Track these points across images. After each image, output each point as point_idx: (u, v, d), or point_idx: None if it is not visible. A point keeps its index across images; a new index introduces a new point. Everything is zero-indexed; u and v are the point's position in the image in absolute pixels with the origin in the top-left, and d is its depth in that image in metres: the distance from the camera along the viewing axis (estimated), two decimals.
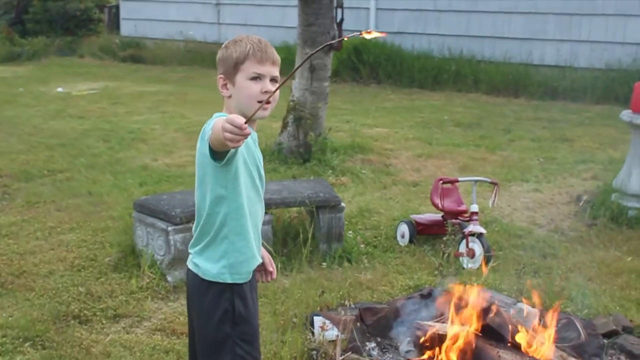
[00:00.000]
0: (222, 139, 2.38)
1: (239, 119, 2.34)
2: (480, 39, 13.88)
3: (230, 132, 2.33)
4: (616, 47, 12.78)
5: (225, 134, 2.34)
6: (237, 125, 2.32)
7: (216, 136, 2.51)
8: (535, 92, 12.90)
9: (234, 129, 2.33)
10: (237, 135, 2.34)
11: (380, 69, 14.16)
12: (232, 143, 2.35)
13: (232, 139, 2.34)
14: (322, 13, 7.81)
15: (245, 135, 2.35)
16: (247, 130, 2.33)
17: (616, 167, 7.97)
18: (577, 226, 6.37)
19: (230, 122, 2.33)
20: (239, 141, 2.36)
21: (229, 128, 2.33)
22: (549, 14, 13.37)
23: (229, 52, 2.90)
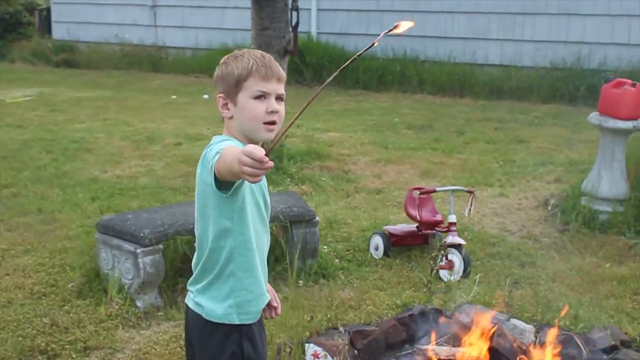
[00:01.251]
0: (239, 172, 2.10)
1: (258, 150, 2.06)
2: (424, 39, 13.78)
3: (250, 166, 2.05)
4: (560, 46, 12.82)
5: (244, 167, 2.06)
6: (258, 159, 2.05)
7: (228, 167, 2.24)
8: (481, 91, 12.87)
9: (255, 162, 2.05)
10: (258, 169, 2.07)
11: (323, 70, 13.94)
12: (252, 178, 2.08)
13: (252, 173, 2.06)
14: (276, 16, 7.55)
15: (267, 168, 2.09)
16: (269, 163, 2.07)
17: (577, 168, 7.96)
18: (549, 232, 6.25)
19: (249, 155, 2.05)
20: (260, 176, 2.09)
21: (248, 162, 2.05)
22: (491, 13, 13.35)
23: (230, 69, 2.63)
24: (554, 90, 12.46)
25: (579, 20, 12.73)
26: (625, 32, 12.40)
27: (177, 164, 8.24)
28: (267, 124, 2.59)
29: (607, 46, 12.49)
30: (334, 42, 14.24)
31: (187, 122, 10.47)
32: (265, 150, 2.08)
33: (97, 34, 16.82)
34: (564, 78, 12.49)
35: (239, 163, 2.08)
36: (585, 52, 12.57)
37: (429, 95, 12.95)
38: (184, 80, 14.50)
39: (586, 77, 12.30)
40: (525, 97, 12.51)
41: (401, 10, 13.97)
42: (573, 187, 7.03)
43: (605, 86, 6.32)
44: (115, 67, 15.75)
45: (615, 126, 6.17)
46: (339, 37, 14.37)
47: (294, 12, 7.70)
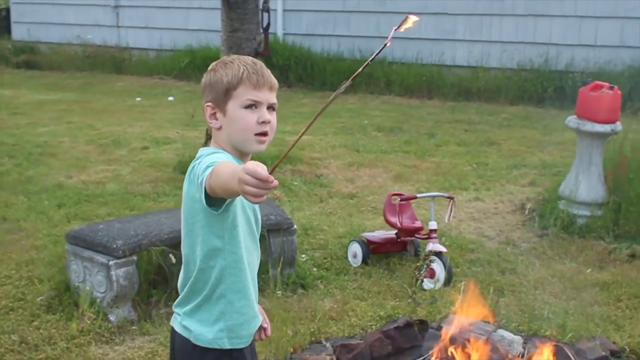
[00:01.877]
0: (238, 191, 1.96)
1: (261, 168, 1.92)
2: (392, 40, 13.64)
3: (254, 186, 1.91)
4: (527, 47, 12.80)
5: (247, 187, 1.91)
6: (263, 178, 1.90)
7: (224, 185, 2.08)
8: (449, 93, 12.80)
9: (259, 182, 1.91)
10: (262, 189, 1.92)
11: (290, 72, 13.78)
12: (255, 199, 1.93)
13: (257, 194, 1.92)
14: (247, 18, 7.39)
15: (272, 188, 1.94)
16: (274, 183, 1.93)
17: (550, 171, 7.91)
18: (528, 237, 6.17)
19: (252, 174, 1.90)
20: (263, 196, 1.95)
21: (252, 182, 1.90)
22: (459, 14, 13.29)
23: (218, 76, 2.47)
24: (522, 91, 12.44)
25: (546, 21, 12.72)
26: (592, 33, 12.41)
27: (144, 168, 8.04)
28: (259, 135, 2.45)
29: (574, 47, 12.49)
30: (300, 43, 14.09)
31: (153, 125, 10.26)
32: (268, 168, 1.95)
33: (58, 34, 16.48)
34: (531, 79, 12.46)
35: (239, 182, 1.93)
36: (552, 53, 12.57)
37: (396, 97, 12.86)
38: (148, 82, 14.25)
39: (554, 79, 12.30)
40: (493, 99, 12.48)
41: (367, 11, 13.88)
42: (549, 190, 6.96)
43: (583, 89, 6.25)
44: (78, 68, 15.44)
45: (593, 130, 6.10)
46: (305, 37, 14.22)
47: (265, 13, 7.56)
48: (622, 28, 12.25)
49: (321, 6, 14.17)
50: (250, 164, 1.93)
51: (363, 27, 13.92)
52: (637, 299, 5.01)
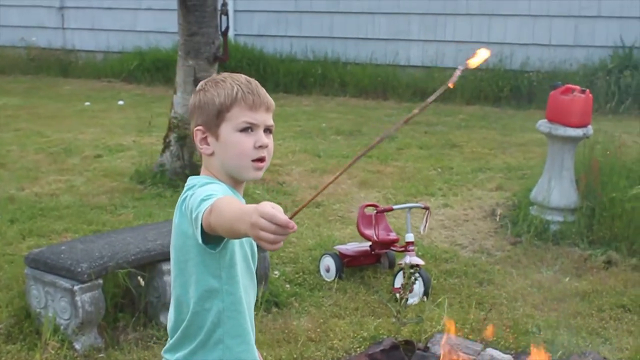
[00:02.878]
0: (249, 235, 1.74)
1: (279, 211, 1.70)
2: (345, 41, 13.52)
3: (271, 232, 1.69)
4: (482, 47, 12.66)
5: (262, 233, 1.69)
6: (282, 224, 1.69)
7: (228, 225, 1.85)
8: (404, 93, 12.66)
9: (277, 228, 1.69)
10: (280, 236, 1.71)
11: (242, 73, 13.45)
12: (271, 246, 1.72)
13: (274, 240, 1.70)
14: (205, 21, 7.13)
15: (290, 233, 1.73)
16: (294, 228, 1.71)
17: (516, 175, 7.81)
18: (501, 245, 6.03)
19: (270, 219, 1.68)
20: (281, 243, 1.73)
21: (269, 227, 1.68)
22: (412, 14, 13.16)
23: (209, 97, 2.24)
24: (478, 91, 12.37)
25: (500, 21, 12.67)
26: (546, 32, 12.39)
27: (99, 178, 7.73)
28: (256, 162, 2.22)
29: (529, 47, 12.46)
30: (252, 44, 13.83)
31: (105, 131, 9.92)
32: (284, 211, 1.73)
33: (1, 37, 15.93)
34: (487, 79, 12.39)
35: (252, 227, 1.71)
36: (507, 53, 12.50)
37: (352, 98, 12.67)
38: (96, 86, 13.84)
39: (509, 78, 12.25)
40: (449, 99, 12.35)
41: (320, 11, 13.67)
42: (518, 195, 6.84)
43: (554, 93, 6.13)
44: (22, 72, 14.92)
45: (565, 134, 5.99)
46: (257, 38, 13.96)
47: (224, 16, 7.29)
48: (575, 27, 12.25)
49: (273, 6, 13.92)
50: (266, 206, 1.71)
51: (316, 27, 13.72)
52: (620, 308, 4.90)
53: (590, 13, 12.10)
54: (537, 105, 11.72)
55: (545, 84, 11.86)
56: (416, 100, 12.32)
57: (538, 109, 11.57)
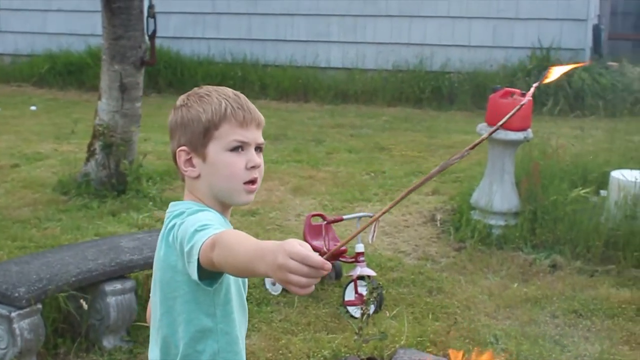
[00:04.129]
0: (277, 279, 1.52)
1: (309, 250, 1.50)
2: (264, 42, 13.33)
3: (304, 275, 1.49)
4: (402, 48, 12.73)
5: (292, 277, 1.49)
6: (317, 266, 1.49)
7: (243, 265, 1.63)
8: (326, 96, 12.54)
9: (311, 271, 1.49)
10: (313, 279, 1.51)
11: (159, 77, 13.14)
12: (303, 290, 1.51)
13: (306, 284, 1.50)
14: (131, 24, 6.84)
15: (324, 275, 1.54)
16: (329, 270, 1.52)
17: (450, 178, 7.76)
18: (445, 251, 5.94)
19: (301, 260, 1.48)
20: (312, 287, 1.53)
21: (301, 270, 1.48)
22: (332, 15, 13.06)
23: (194, 114, 2.02)
24: (399, 92, 12.34)
25: (420, 22, 12.68)
26: (465, 33, 12.47)
27: (19, 189, 7.33)
28: (248, 184, 2.02)
29: (449, 48, 12.51)
30: (168, 47, 13.46)
31: (20, 138, 9.46)
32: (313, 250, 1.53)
33: None
34: (408, 80, 12.38)
35: (279, 269, 1.50)
36: (427, 54, 12.53)
37: (272, 101, 12.47)
38: (4, 90, 13.25)
39: (430, 79, 12.27)
40: (371, 101, 12.32)
41: (238, 12, 13.45)
42: (457, 200, 6.77)
43: (493, 96, 6.07)
44: None
45: (507, 138, 5.93)
46: (173, 41, 13.59)
47: (151, 19, 7.01)
48: (494, 28, 12.36)
49: (189, 8, 13.61)
50: (295, 245, 1.50)
51: (234, 29, 13.48)
52: (572, 314, 4.86)
53: (508, 15, 12.23)
54: (459, 106, 11.80)
55: (466, 85, 11.98)
56: (338, 103, 12.24)
57: (459, 110, 11.68)
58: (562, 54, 11.90)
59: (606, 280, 5.35)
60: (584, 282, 5.32)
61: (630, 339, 4.53)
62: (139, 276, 4.48)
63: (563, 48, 11.94)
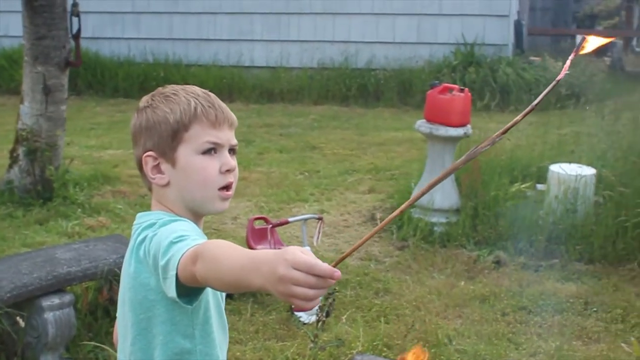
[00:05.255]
0: (277, 292, 1.35)
1: (314, 257, 1.34)
2: (186, 42, 13.08)
3: (311, 286, 1.33)
4: (326, 46, 12.64)
5: (297, 289, 1.32)
6: (326, 274, 1.33)
7: (234, 279, 1.45)
8: (251, 95, 12.36)
9: (319, 281, 1.34)
10: (321, 290, 1.35)
11: (78, 78, 12.71)
12: (309, 303, 1.36)
13: (313, 296, 1.34)
14: (55, 23, 6.53)
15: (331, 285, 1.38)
16: (339, 277, 1.36)
17: (384, 176, 7.71)
18: (388, 250, 5.84)
19: (307, 269, 1.32)
20: (319, 299, 1.38)
21: (308, 281, 1.32)
22: (255, 13, 12.90)
23: (160, 115, 1.85)
24: (325, 90, 12.25)
25: (344, 20, 12.62)
26: (390, 30, 12.46)
27: None
28: (222, 190, 1.85)
29: (374, 45, 12.49)
30: (86, 47, 13.00)
31: None
32: (318, 258, 1.37)
33: None
34: (334, 78, 12.30)
35: (280, 281, 1.33)
36: (352, 51, 12.48)
37: None
38: None
39: (356, 77, 12.21)
40: (297, 99, 12.20)
41: (159, 11, 13.17)
42: (395, 198, 6.69)
43: (431, 92, 6.00)
44: None
45: (447, 134, 5.87)
46: (91, 41, 13.15)
47: (75, 17, 6.72)
48: (418, 25, 12.39)
49: (107, 7, 13.24)
50: (297, 253, 1.34)
51: (155, 28, 13.19)
52: (521, 310, 4.82)
53: (432, 11, 12.27)
54: (385, 103, 11.78)
55: (392, 82, 11.96)
56: (264, 102, 12.07)
57: (386, 106, 11.65)
58: (486, 50, 12.02)
59: (551, 275, 5.33)
60: (530, 278, 5.29)
61: (582, 333, 4.51)
62: (78, 289, 4.23)
63: (486, 44, 12.06)
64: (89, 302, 4.20)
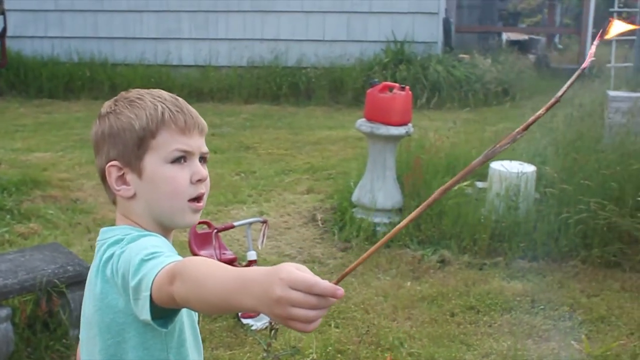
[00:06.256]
0: (280, 316, 1.23)
1: (314, 277, 1.23)
2: (112, 41, 12.78)
3: (312, 307, 1.22)
4: (256, 44, 12.51)
5: (297, 311, 1.21)
6: (328, 293, 1.22)
7: (224, 301, 1.32)
8: (180, 94, 11.23)
9: (320, 301, 1.22)
10: (322, 310, 1.24)
11: (0, 79, 12.32)
12: (309, 326, 1.24)
13: (314, 318, 1.23)
14: None
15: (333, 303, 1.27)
16: (341, 296, 1.24)
17: (322, 175, 7.63)
18: (331, 252, 5.75)
19: (306, 289, 1.21)
20: (319, 320, 1.26)
21: (309, 302, 1.21)
22: (182, 11, 12.70)
23: (125, 121, 1.71)
24: (255, 89, 12.13)
25: (273, 18, 12.51)
26: (319, 28, 12.40)
27: None
28: (193, 202, 1.72)
29: (303, 43, 12.41)
30: (8, 46, 12.56)
31: None
32: (317, 277, 1.25)
33: None
34: (264, 77, 12.20)
35: (276, 303, 1.22)
36: (282, 49, 12.38)
37: None
38: None
39: (286, 75, 12.12)
40: (227, 98, 12.04)
41: (83, 9, 12.86)
42: (335, 198, 6.61)
43: (371, 91, 5.93)
44: None
45: (388, 133, 5.80)
46: (12, 40, 12.71)
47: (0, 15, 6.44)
48: (348, 22, 12.35)
49: (29, 5, 12.85)
50: (292, 271, 1.23)
51: (79, 27, 12.85)
52: (470, 310, 4.78)
53: (362, 9, 12.25)
54: (317, 101, 11.73)
55: (323, 80, 11.90)
56: (193, 101, 11.55)
57: (318, 105, 11.60)
58: (416, 47, 12.06)
59: (496, 274, 5.32)
60: (475, 277, 5.27)
61: (532, 332, 4.49)
62: (15, 302, 4.02)
63: (416, 41, 12.10)
64: (28, 315, 3.99)
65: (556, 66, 14.63)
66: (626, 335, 4.46)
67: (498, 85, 11.59)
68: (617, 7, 11.19)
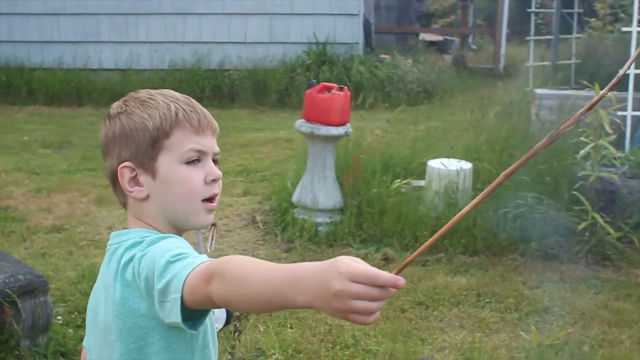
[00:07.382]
0: (339, 310, 1.24)
1: (375, 268, 1.25)
2: (28, 45, 12.47)
3: (374, 298, 1.24)
4: (177, 47, 12.42)
5: (358, 303, 1.23)
6: (390, 284, 1.24)
7: (271, 298, 1.33)
8: (101, 98, 11.90)
9: (381, 292, 1.24)
10: (384, 300, 1.26)
11: None
12: (369, 318, 1.26)
13: (374, 310, 1.25)
14: None
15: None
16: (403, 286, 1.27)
17: (256, 177, 7.67)
18: (275, 253, 5.75)
19: (368, 281, 1.22)
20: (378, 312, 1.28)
21: (371, 293, 1.23)
22: (101, 14, 12.49)
23: (137, 121, 1.70)
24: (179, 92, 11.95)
25: (194, 20, 12.43)
26: (241, 30, 12.39)
27: None
28: (207, 202, 1.73)
29: (225, 45, 12.38)
30: None
31: None
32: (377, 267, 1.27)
33: None
34: (186, 79, 12.09)
35: (334, 297, 1.23)
36: (204, 52, 12.31)
37: (43, 107, 11.67)
38: None
39: (209, 77, 12.06)
40: None
41: None
42: (274, 199, 6.62)
43: (310, 92, 5.95)
44: None
45: (328, 133, 5.84)
46: None
47: None
48: (270, 24, 12.37)
49: None
50: (349, 265, 1.23)
51: None
52: (419, 306, 4.87)
53: (284, 10, 12.29)
54: (240, 103, 11.72)
55: (246, 82, 11.89)
56: None
57: (242, 107, 11.59)
58: (337, 48, 12.16)
59: (440, 269, 5.42)
60: (420, 273, 5.35)
61: (481, 325, 4.60)
62: None
63: (338, 42, 12.20)
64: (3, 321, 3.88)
65: (473, 66, 14.96)
66: (570, 324, 4.61)
67: (420, 85, 11.77)
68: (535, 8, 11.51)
